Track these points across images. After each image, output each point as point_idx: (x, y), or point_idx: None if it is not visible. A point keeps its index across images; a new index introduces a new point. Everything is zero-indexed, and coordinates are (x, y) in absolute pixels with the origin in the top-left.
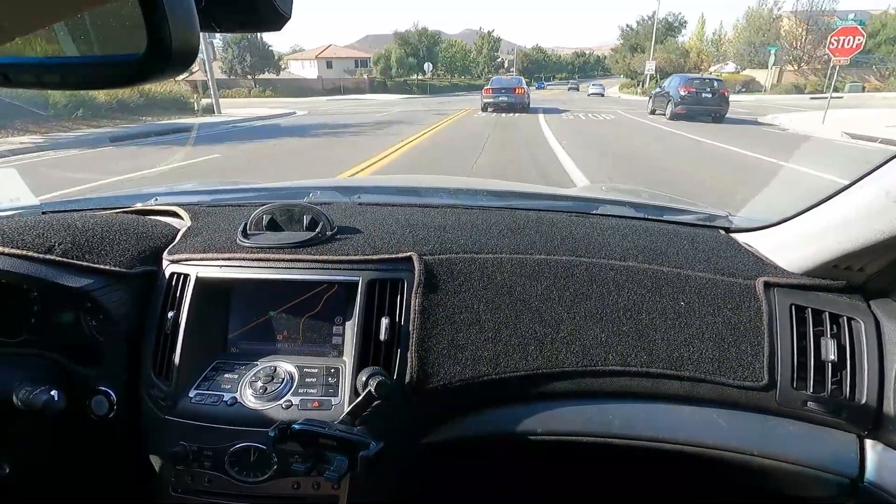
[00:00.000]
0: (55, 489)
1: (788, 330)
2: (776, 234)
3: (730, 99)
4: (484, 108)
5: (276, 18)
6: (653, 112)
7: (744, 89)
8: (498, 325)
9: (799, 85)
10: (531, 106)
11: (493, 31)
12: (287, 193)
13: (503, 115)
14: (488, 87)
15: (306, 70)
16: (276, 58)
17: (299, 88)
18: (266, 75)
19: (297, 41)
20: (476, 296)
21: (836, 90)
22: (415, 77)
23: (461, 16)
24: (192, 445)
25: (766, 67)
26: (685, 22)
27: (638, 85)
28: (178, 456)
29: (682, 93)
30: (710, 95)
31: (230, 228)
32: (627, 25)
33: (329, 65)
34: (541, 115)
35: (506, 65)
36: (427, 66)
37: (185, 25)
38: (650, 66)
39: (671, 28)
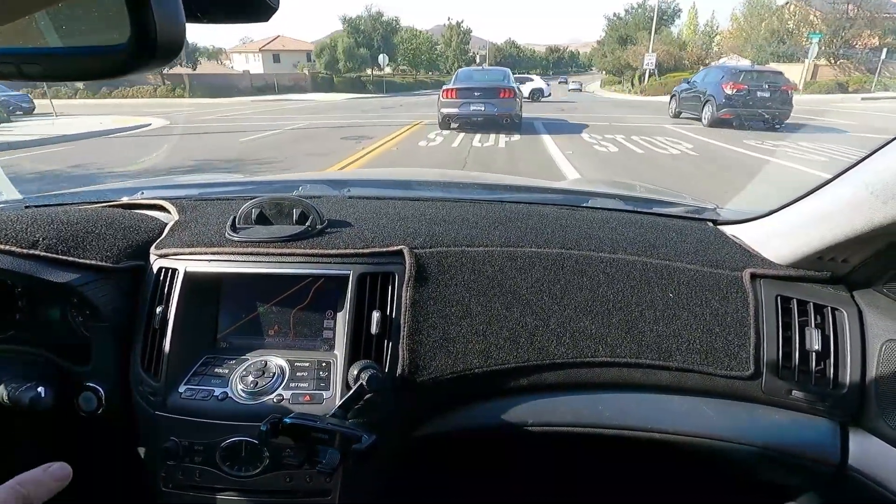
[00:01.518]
0: None
1: (774, 320)
2: (763, 226)
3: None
4: (444, 124)
5: (264, 9)
6: (677, 115)
7: None
8: (489, 318)
9: (842, 82)
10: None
11: (462, 21)
12: (276, 187)
13: (476, 139)
14: (450, 86)
15: (251, 64)
16: (191, 49)
17: (221, 86)
18: (179, 70)
19: (247, 33)
20: (467, 288)
21: (885, 88)
22: (369, 72)
23: (431, 13)
24: (183, 441)
25: (794, 61)
26: (679, 11)
27: (630, 82)
28: (169, 451)
29: (729, 91)
30: (767, 94)
31: (219, 222)
32: (615, 14)
33: (276, 58)
34: (546, 139)
35: (478, 60)
36: (382, 58)
37: (171, 15)
38: (650, 60)
39: (664, 17)
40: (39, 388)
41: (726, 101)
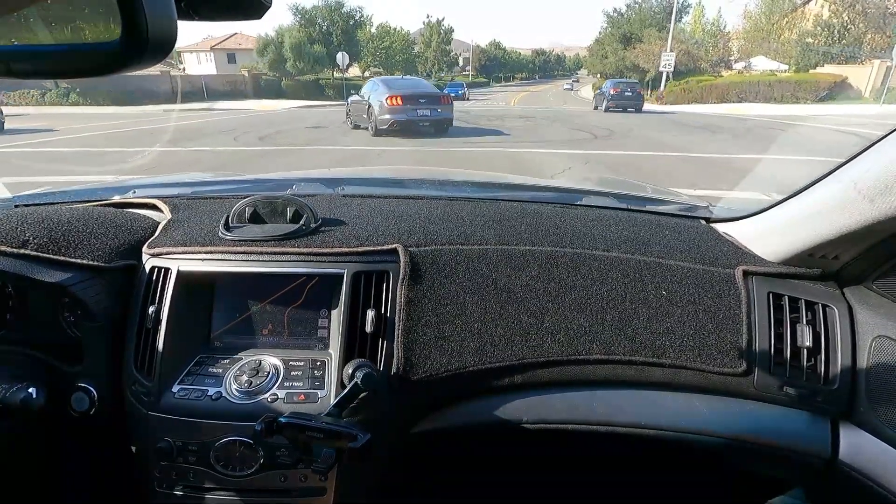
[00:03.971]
0: (38, 487)
1: (766, 317)
2: (755, 223)
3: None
4: (380, 132)
5: (256, 6)
6: (595, 108)
7: (830, 96)
8: (483, 316)
9: None
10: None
11: (443, 19)
12: (270, 185)
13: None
14: (393, 93)
15: (203, 65)
16: None
17: (133, 92)
18: None
19: (210, 31)
20: (461, 287)
21: None
22: (330, 74)
23: (414, 14)
24: (177, 441)
25: (857, 62)
26: (688, 6)
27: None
28: (163, 451)
29: (612, 92)
30: (630, 93)
31: (212, 221)
32: (615, 10)
33: (231, 58)
34: None
35: (461, 62)
36: (341, 57)
37: (162, 12)
38: (668, 60)
39: (671, 12)
40: (31, 389)
41: (610, 97)
